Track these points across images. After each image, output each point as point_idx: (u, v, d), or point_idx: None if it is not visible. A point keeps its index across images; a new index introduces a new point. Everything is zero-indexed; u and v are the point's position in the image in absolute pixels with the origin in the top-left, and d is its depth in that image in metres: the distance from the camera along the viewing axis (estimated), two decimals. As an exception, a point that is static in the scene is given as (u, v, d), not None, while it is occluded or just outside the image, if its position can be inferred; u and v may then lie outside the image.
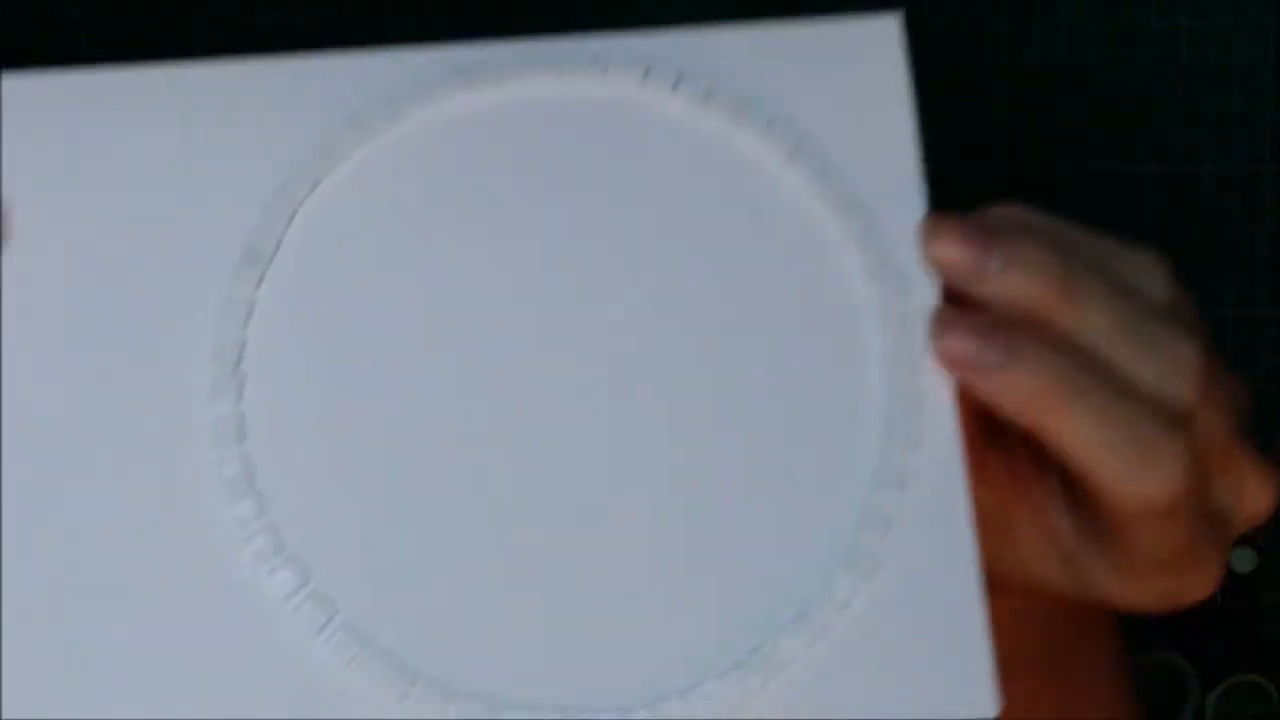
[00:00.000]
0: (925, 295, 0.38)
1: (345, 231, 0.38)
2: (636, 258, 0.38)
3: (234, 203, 0.38)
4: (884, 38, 0.38)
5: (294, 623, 0.37)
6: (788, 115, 0.38)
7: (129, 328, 0.37)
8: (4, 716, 0.36)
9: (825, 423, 0.38)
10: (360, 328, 0.38)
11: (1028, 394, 0.36)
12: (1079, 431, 0.35)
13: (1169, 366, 0.36)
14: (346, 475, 0.37)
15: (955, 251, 0.37)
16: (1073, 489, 0.38)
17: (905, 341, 0.38)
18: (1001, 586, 0.39)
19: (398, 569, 0.37)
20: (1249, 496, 0.38)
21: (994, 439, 0.39)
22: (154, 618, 0.37)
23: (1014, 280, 0.36)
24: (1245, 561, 0.86)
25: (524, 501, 0.37)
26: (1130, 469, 0.35)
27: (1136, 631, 0.49)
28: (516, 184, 0.38)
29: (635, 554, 0.37)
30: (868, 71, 0.38)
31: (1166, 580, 0.38)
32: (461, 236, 0.38)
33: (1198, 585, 0.38)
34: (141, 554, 0.37)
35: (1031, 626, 0.43)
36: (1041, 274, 0.36)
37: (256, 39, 0.40)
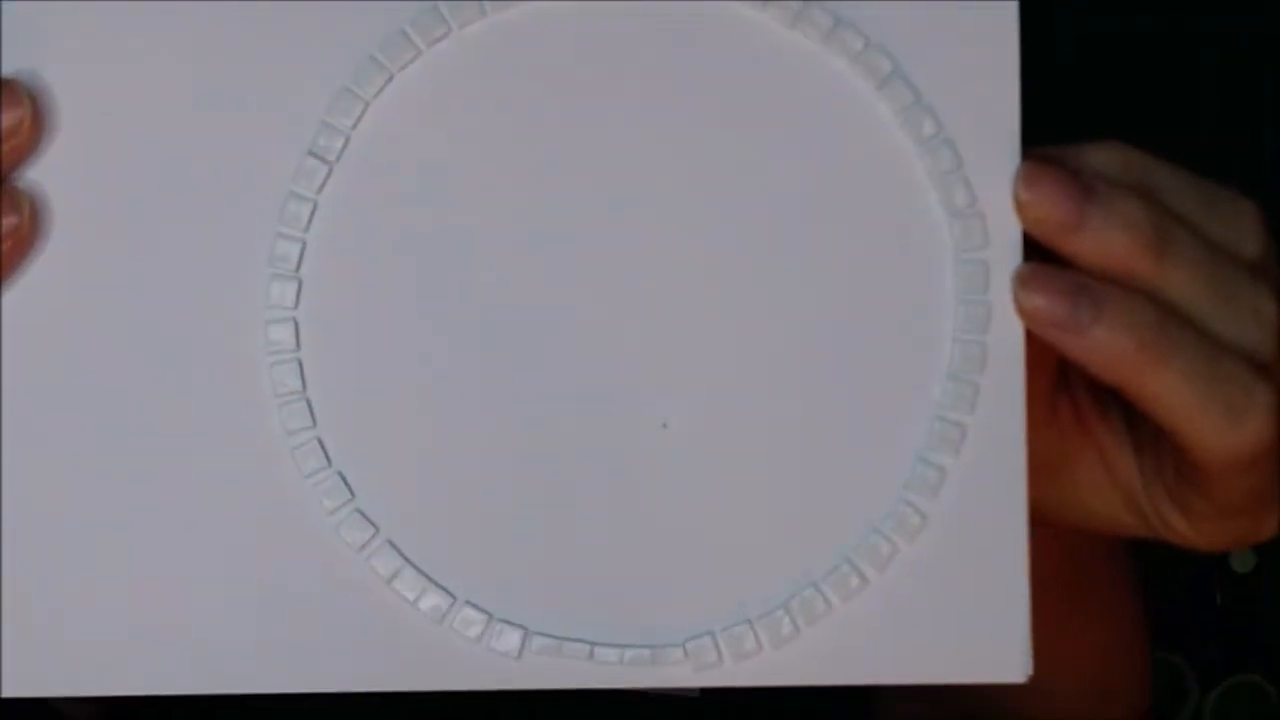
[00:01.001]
0: (1008, 244, 0.36)
1: (415, 132, 0.36)
2: (714, 172, 0.36)
3: (302, 94, 0.36)
4: (1000, 21, 0.37)
5: (336, 536, 0.36)
6: (884, 37, 0.36)
7: (188, 225, 0.36)
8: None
9: (889, 370, 0.36)
10: (423, 236, 0.36)
11: (1115, 355, 0.35)
12: (1168, 390, 0.35)
13: (1251, 321, 0.36)
14: (396, 392, 0.36)
15: (1053, 203, 0.35)
16: (1137, 430, 0.38)
17: (980, 292, 0.36)
18: (1052, 520, 0.39)
19: (442, 492, 0.36)
20: None
21: (1061, 383, 0.40)
22: (198, 526, 0.36)
23: (1109, 237, 0.35)
24: (1245, 561, 0.86)
25: (573, 430, 0.36)
26: (1219, 425, 0.35)
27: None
28: (595, 88, 0.36)
29: (681, 490, 0.36)
30: (980, 48, 0.36)
31: (1240, 522, 0.38)
32: (534, 142, 0.36)
33: (1269, 525, 0.38)
34: (190, 457, 0.36)
35: (1058, 546, 0.42)
36: (1137, 232, 0.35)
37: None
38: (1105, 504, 0.40)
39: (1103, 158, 0.36)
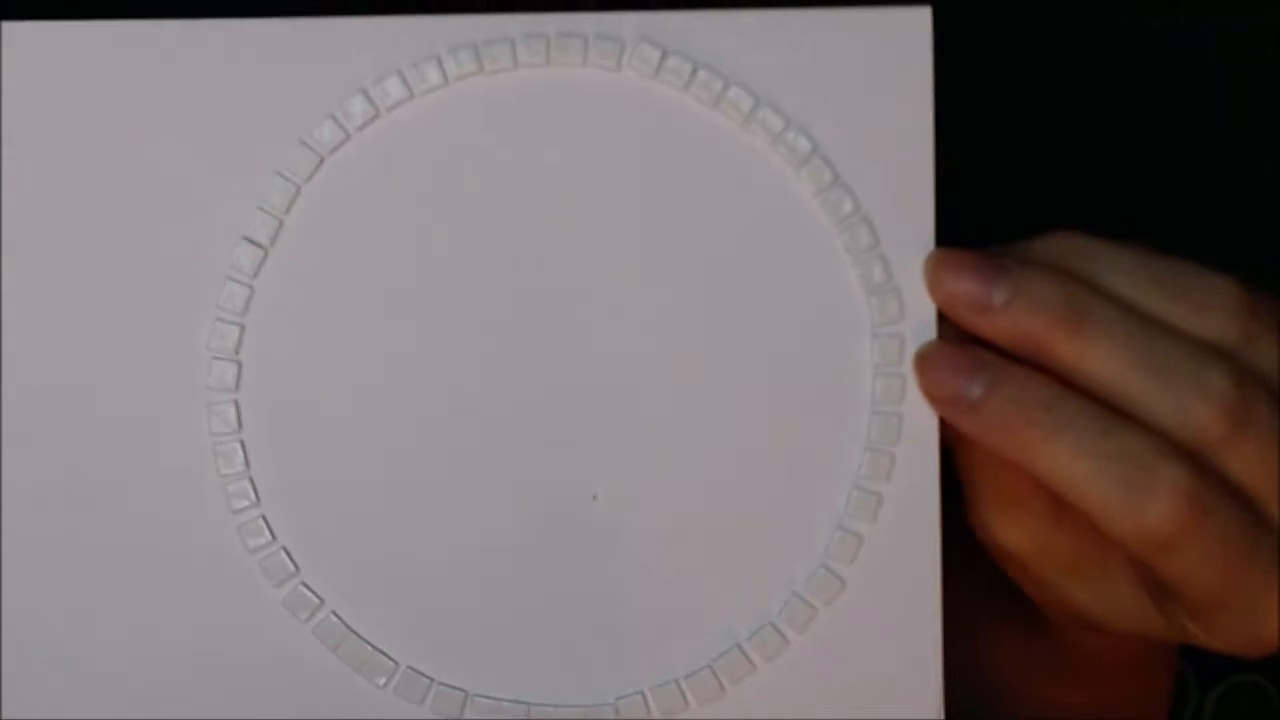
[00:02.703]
0: (923, 319, 0.37)
1: (348, 211, 0.37)
2: (639, 249, 0.37)
3: (238, 171, 0.37)
4: (913, 30, 0.37)
5: (282, 609, 0.37)
6: (804, 117, 0.37)
7: (128, 309, 0.37)
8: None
9: (810, 440, 0.38)
10: (356, 317, 0.37)
11: (1004, 431, 0.36)
12: (1059, 467, 0.35)
13: (1193, 398, 0.35)
14: (336, 470, 0.37)
15: (959, 285, 0.36)
16: None
17: (896, 365, 0.37)
18: (1103, 627, 0.39)
19: (383, 564, 0.37)
20: None
21: None
22: (147, 600, 0.37)
23: (1016, 315, 0.36)
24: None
25: (508, 502, 0.37)
26: (1119, 503, 0.35)
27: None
28: (519, 166, 0.37)
29: (611, 558, 0.37)
30: (892, 65, 0.37)
31: (1228, 617, 0.36)
32: (461, 222, 0.37)
33: (1265, 624, 0.36)
34: (138, 535, 0.37)
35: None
36: (1046, 310, 0.36)
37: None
38: (1143, 611, 0.38)
39: (1041, 245, 0.37)
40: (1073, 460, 0.35)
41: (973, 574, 0.40)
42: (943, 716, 0.38)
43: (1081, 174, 0.53)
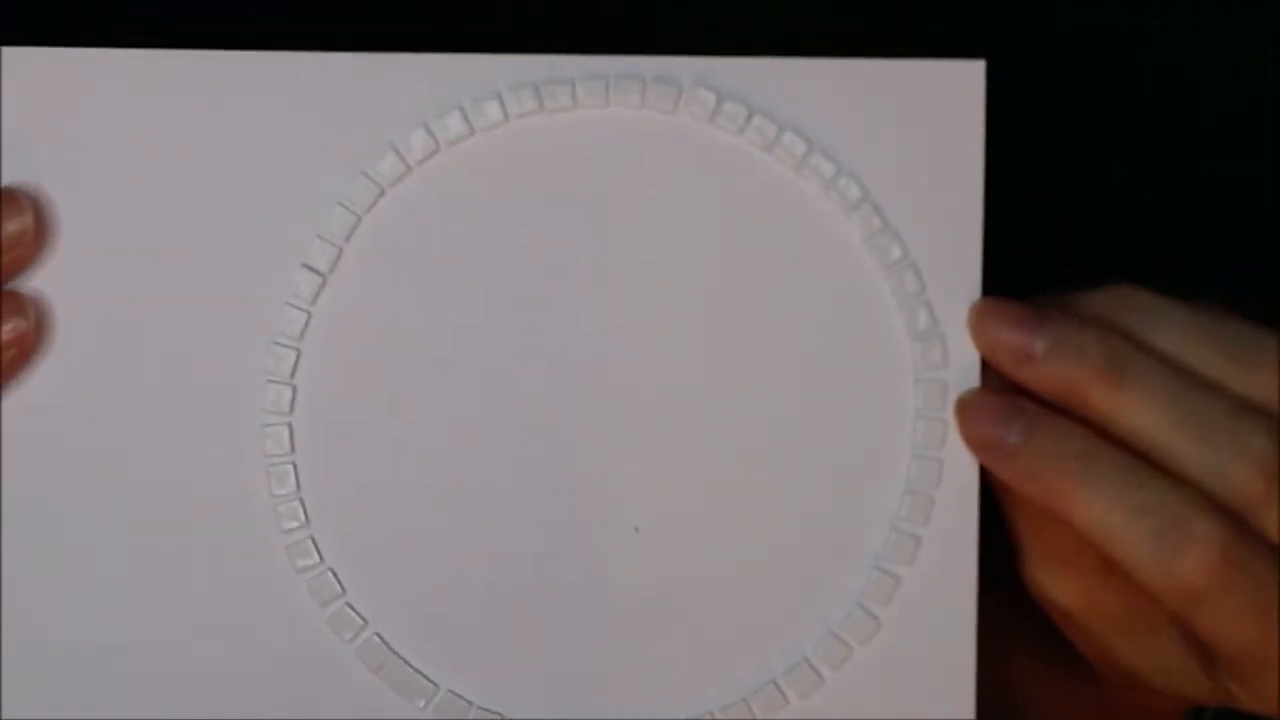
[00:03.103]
0: (967, 365, 0.38)
1: (406, 242, 0.38)
2: (689, 290, 0.38)
3: (301, 200, 0.38)
4: (967, 82, 0.38)
5: (328, 629, 0.38)
6: (855, 164, 0.38)
7: (185, 332, 0.38)
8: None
9: (850, 481, 0.38)
10: (410, 348, 0.38)
11: (1038, 480, 0.36)
12: (1092, 518, 0.36)
13: (1231, 456, 0.35)
14: (385, 494, 0.38)
15: (1001, 334, 0.37)
16: None
17: (938, 410, 0.38)
18: (1149, 685, 0.39)
19: (427, 589, 0.38)
20: None
21: None
22: (192, 616, 0.38)
23: (1056, 366, 0.36)
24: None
25: (552, 532, 0.38)
26: (1151, 554, 0.35)
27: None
28: (574, 206, 0.38)
29: (651, 591, 0.38)
30: (944, 116, 0.38)
31: (1268, 679, 0.36)
32: (517, 256, 0.38)
33: None
34: (190, 554, 0.38)
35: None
36: (1087, 362, 0.36)
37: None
38: (1184, 665, 0.38)
39: (1092, 297, 0.37)
40: (1107, 511, 0.35)
41: (1022, 616, 0.41)
42: None
43: (1081, 174, 0.53)
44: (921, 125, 0.38)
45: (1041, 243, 0.40)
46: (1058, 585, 0.39)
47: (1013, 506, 0.38)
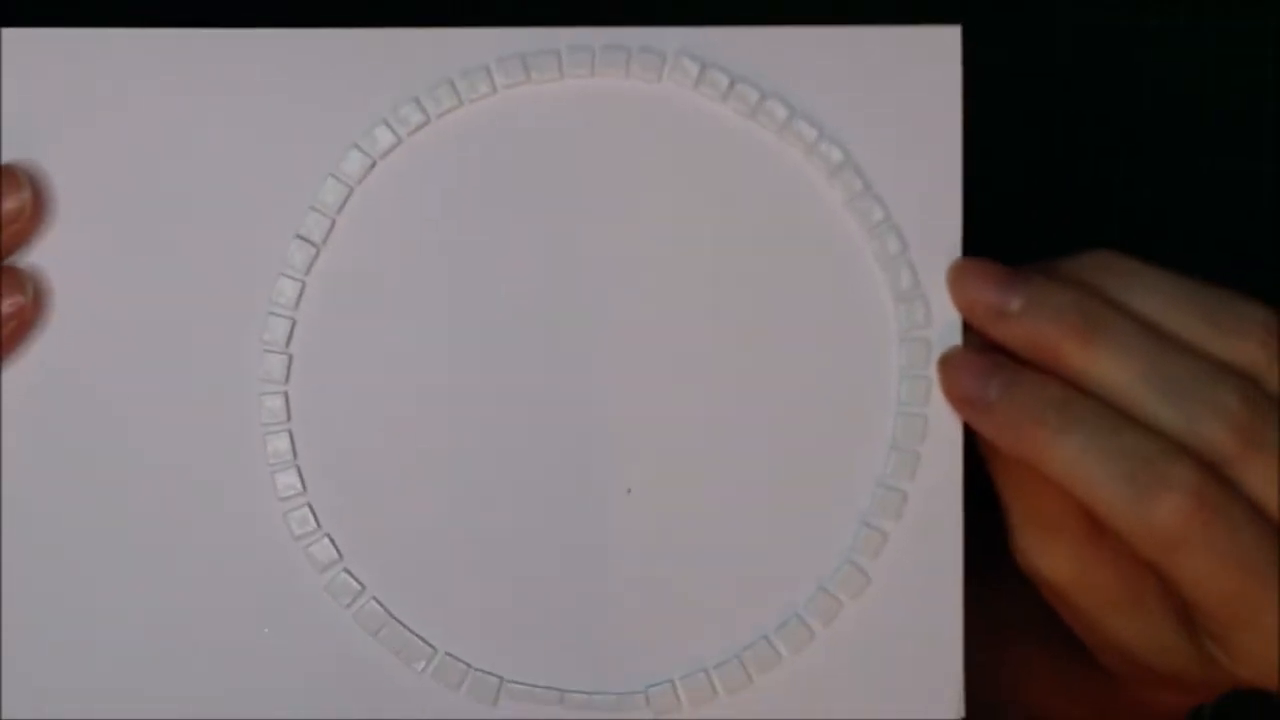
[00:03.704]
0: (949, 324, 0.39)
1: (399, 214, 0.39)
2: (675, 255, 0.39)
3: (290, 177, 0.38)
4: (944, 47, 0.39)
5: (326, 594, 0.39)
6: (837, 128, 0.39)
7: (182, 304, 0.38)
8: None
9: (837, 439, 0.39)
10: (402, 315, 0.39)
11: (1016, 430, 0.37)
12: (1067, 464, 0.36)
13: (1204, 414, 0.36)
14: (380, 460, 0.39)
15: (978, 292, 0.38)
16: None
17: (922, 368, 0.39)
18: (1141, 662, 0.40)
19: (424, 553, 0.39)
20: None
21: None
22: (195, 580, 0.39)
23: (1030, 322, 0.37)
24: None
25: (546, 495, 0.39)
26: (1124, 498, 0.36)
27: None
28: (561, 173, 0.39)
29: (645, 551, 0.39)
30: (923, 80, 0.39)
31: (1250, 639, 0.37)
32: (505, 225, 0.39)
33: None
34: (188, 523, 0.38)
35: None
36: (1060, 317, 0.37)
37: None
38: (1175, 638, 0.39)
39: (1073, 260, 0.38)
40: (1081, 456, 0.36)
41: (1026, 603, 0.41)
42: (963, 713, 0.39)
43: (1081, 174, 0.54)
44: (901, 90, 0.39)
45: (1041, 241, 0.41)
46: (1046, 558, 0.39)
47: (1000, 473, 0.39)
